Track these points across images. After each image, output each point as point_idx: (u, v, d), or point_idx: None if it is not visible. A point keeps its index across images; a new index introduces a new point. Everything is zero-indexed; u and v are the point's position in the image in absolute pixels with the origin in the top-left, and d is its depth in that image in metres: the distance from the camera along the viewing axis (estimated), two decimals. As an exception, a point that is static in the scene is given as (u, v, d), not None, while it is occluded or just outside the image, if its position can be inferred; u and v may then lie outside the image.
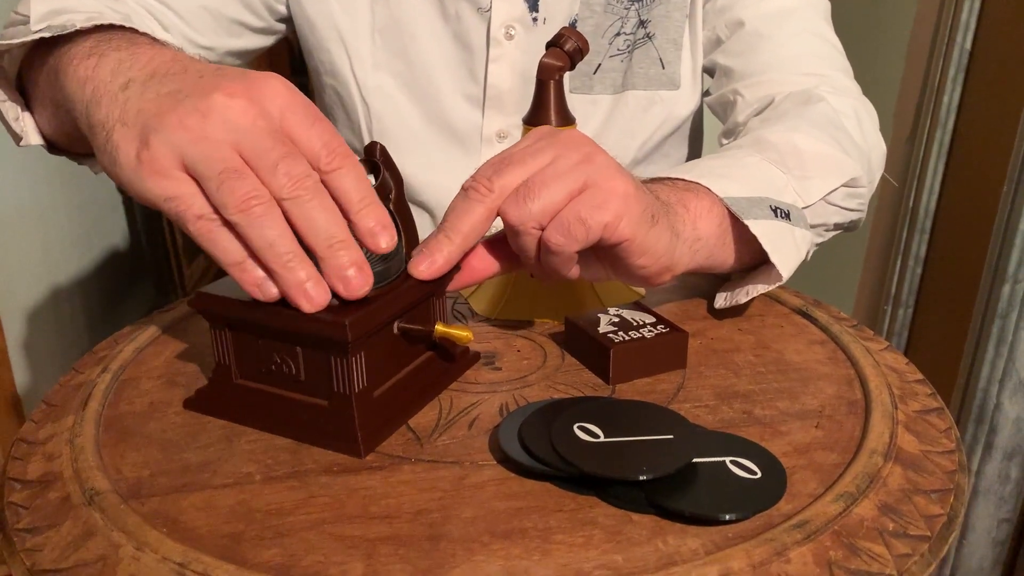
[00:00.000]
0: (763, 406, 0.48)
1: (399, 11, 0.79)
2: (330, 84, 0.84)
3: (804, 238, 0.58)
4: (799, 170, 0.62)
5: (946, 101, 1.30)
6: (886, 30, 1.50)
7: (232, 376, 0.48)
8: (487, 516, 0.39)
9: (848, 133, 0.68)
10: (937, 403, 0.50)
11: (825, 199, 0.64)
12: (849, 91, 0.75)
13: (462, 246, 0.48)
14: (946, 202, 1.35)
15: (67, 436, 0.46)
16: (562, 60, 0.55)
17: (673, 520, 0.39)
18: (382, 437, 0.46)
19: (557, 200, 0.46)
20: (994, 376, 1.21)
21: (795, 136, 0.63)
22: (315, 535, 0.39)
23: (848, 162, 0.65)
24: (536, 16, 0.78)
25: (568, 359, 0.54)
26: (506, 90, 0.80)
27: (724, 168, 0.59)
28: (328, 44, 0.81)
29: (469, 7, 0.77)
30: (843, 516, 0.39)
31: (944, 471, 0.43)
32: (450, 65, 0.80)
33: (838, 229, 0.69)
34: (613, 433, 0.42)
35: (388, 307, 0.46)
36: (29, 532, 0.40)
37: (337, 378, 0.44)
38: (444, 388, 0.50)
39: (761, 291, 0.57)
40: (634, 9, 0.78)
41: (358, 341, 0.43)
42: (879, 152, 0.73)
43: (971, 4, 1.25)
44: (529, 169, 0.47)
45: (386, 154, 0.49)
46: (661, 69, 0.81)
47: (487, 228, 0.48)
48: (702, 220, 0.55)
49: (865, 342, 0.55)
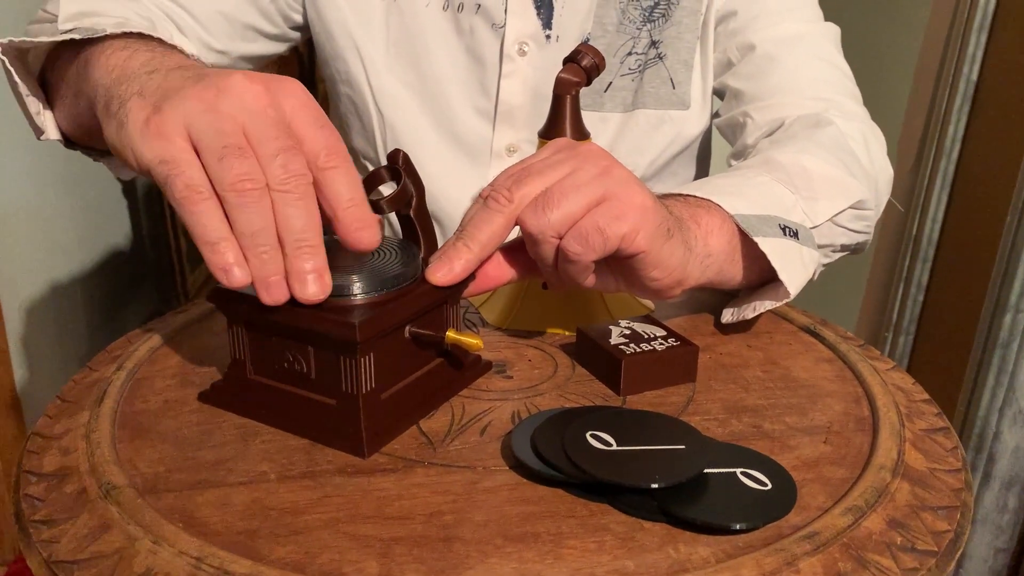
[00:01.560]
0: (772, 421, 0.49)
1: (413, 24, 0.81)
2: (346, 93, 0.85)
3: (812, 257, 0.59)
4: (807, 191, 0.63)
5: (951, 131, 1.31)
6: (893, 60, 1.52)
7: (247, 372, 0.49)
8: (500, 520, 0.40)
9: (856, 157, 0.69)
10: (943, 423, 0.50)
11: (832, 220, 0.65)
12: (857, 116, 0.76)
13: (480, 255, 0.48)
14: (949, 231, 1.36)
15: (83, 431, 0.47)
16: (579, 76, 0.56)
17: (684, 528, 0.39)
18: (387, 439, 0.46)
19: (576, 210, 0.47)
20: (994, 405, 1.21)
21: (804, 158, 0.64)
22: (330, 534, 0.39)
23: (855, 185, 0.66)
24: (549, 33, 0.79)
25: (579, 370, 0.54)
26: (517, 105, 0.81)
27: (734, 187, 0.60)
28: (345, 53, 0.82)
29: (483, 23, 0.79)
30: (852, 529, 0.39)
31: (951, 489, 0.44)
32: (462, 79, 0.81)
33: (845, 251, 0.70)
34: (625, 442, 0.43)
35: (400, 311, 0.46)
36: (45, 524, 0.41)
37: (346, 378, 0.45)
38: (453, 395, 0.51)
39: (768, 308, 0.58)
40: (646, 30, 0.80)
41: (367, 342, 0.44)
42: (886, 176, 0.74)
43: (978, 37, 1.26)
44: (548, 180, 0.48)
45: (408, 162, 0.49)
46: (672, 89, 0.82)
47: (505, 237, 0.49)
48: (713, 236, 0.55)
49: (872, 361, 0.56)
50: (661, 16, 0.80)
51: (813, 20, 0.81)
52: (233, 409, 0.49)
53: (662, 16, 0.80)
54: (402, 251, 0.50)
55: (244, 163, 0.42)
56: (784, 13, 0.79)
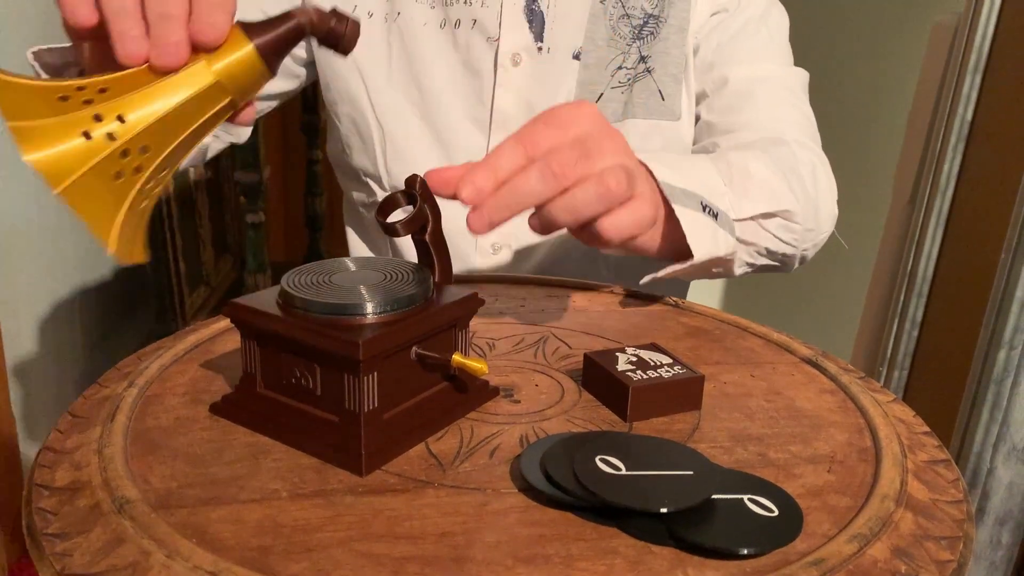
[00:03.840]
0: (776, 449, 0.49)
1: (412, 43, 0.84)
2: (346, 113, 0.88)
3: (727, 241, 0.66)
4: (741, 188, 0.70)
5: (946, 169, 1.33)
6: (889, 99, 1.55)
7: (257, 386, 0.50)
8: (510, 541, 0.40)
9: (801, 177, 0.76)
10: (944, 455, 0.51)
11: (760, 223, 0.71)
12: (814, 153, 0.82)
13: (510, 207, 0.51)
14: (944, 267, 1.38)
15: (95, 446, 0.47)
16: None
17: (692, 553, 0.40)
18: (387, 458, 0.47)
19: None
20: (988, 441, 1.22)
21: (752, 162, 0.72)
22: (342, 552, 0.39)
23: (788, 196, 0.72)
24: (541, 45, 0.84)
25: (585, 395, 0.55)
26: (511, 114, 0.85)
27: (675, 162, 0.66)
28: (346, 73, 0.86)
29: (479, 37, 0.83)
30: (857, 556, 0.40)
31: (953, 519, 0.45)
32: (459, 91, 0.85)
33: (772, 258, 0.76)
34: (634, 467, 0.43)
35: (405, 331, 0.47)
36: (58, 537, 0.41)
37: (349, 396, 0.46)
38: (458, 418, 0.52)
39: (676, 269, 0.66)
40: (635, 46, 0.84)
41: (370, 361, 0.45)
42: (828, 209, 0.80)
43: (972, 78, 1.29)
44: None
45: (425, 187, 0.50)
46: (661, 101, 0.86)
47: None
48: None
49: (873, 393, 0.57)
50: (650, 34, 0.84)
51: (785, 64, 0.88)
52: (241, 422, 0.50)
53: (651, 34, 0.84)
54: (414, 273, 0.51)
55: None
56: (759, 52, 0.85)
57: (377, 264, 0.53)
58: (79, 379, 1.62)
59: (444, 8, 0.83)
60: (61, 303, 1.59)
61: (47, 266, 1.54)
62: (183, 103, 0.45)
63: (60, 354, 1.58)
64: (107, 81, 0.44)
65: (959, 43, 1.30)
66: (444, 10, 0.83)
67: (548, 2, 0.82)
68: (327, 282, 0.50)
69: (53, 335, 1.56)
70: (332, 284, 0.49)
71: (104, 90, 0.44)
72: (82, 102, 0.43)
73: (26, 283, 1.46)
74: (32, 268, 1.48)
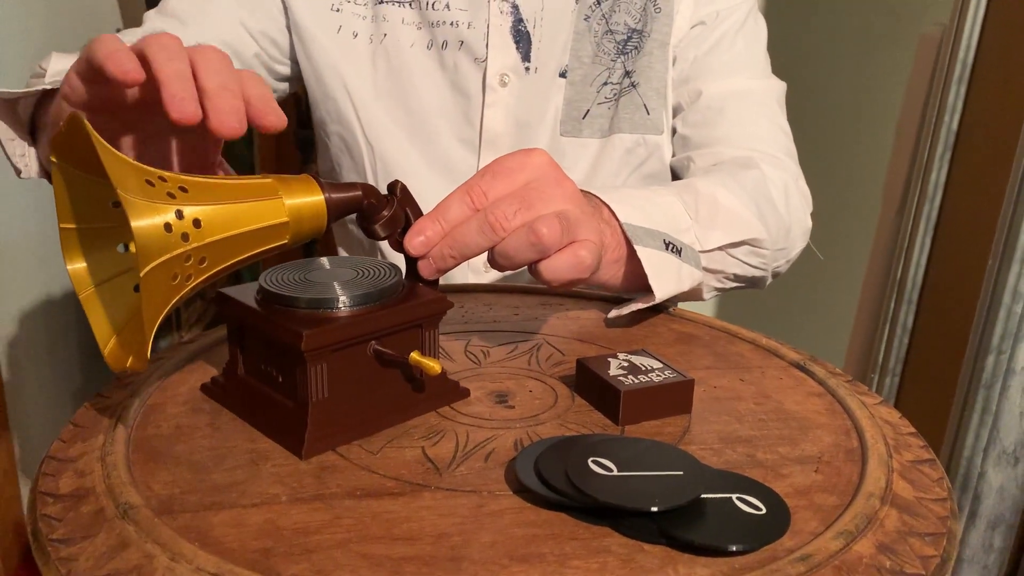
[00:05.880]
0: (765, 451, 0.51)
1: (399, 63, 0.85)
2: (336, 132, 0.89)
3: (691, 275, 0.67)
4: (708, 220, 0.70)
5: (934, 178, 1.35)
6: (877, 110, 1.57)
7: (238, 370, 0.53)
8: (506, 541, 0.41)
9: (772, 201, 0.76)
10: (929, 455, 0.52)
11: (725, 251, 0.72)
12: (788, 169, 0.82)
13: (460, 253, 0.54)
14: (933, 274, 1.40)
15: (98, 454, 0.48)
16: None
17: (683, 551, 0.41)
18: (330, 446, 0.49)
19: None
20: (978, 445, 1.23)
21: (719, 191, 0.72)
22: (342, 553, 0.40)
23: (756, 225, 0.72)
24: (528, 65, 0.85)
25: (578, 400, 0.56)
26: (500, 133, 0.86)
27: (638, 199, 0.67)
28: (334, 93, 0.87)
29: (466, 58, 0.84)
30: (843, 552, 0.41)
31: (937, 516, 0.46)
32: (448, 111, 0.86)
33: (740, 281, 0.76)
34: (625, 468, 0.44)
35: (356, 326, 0.49)
36: (63, 543, 0.42)
37: (299, 384, 0.49)
38: (418, 415, 0.53)
39: (640, 307, 0.67)
40: (620, 61, 0.85)
41: (316, 352, 0.47)
42: (801, 226, 0.81)
43: (957, 88, 1.31)
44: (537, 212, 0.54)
45: (406, 192, 0.53)
46: (646, 115, 0.87)
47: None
48: (606, 235, 0.63)
49: (860, 396, 0.58)
50: (634, 48, 0.85)
51: (761, 77, 0.88)
52: (224, 403, 0.54)
53: (635, 48, 0.85)
54: (385, 272, 0.53)
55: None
56: (734, 65, 0.86)
57: (354, 263, 0.55)
58: (77, 394, 1.62)
59: (431, 29, 0.84)
60: (57, 318, 1.60)
61: (43, 281, 1.55)
62: (253, 231, 0.47)
63: (57, 369, 1.59)
64: (187, 181, 0.45)
65: (944, 54, 1.32)
66: (431, 31, 0.84)
67: (534, 22, 0.83)
68: (302, 279, 0.52)
69: (47, 349, 1.57)
70: (305, 281, 0.52)
71: (185, 189, 0.44)
72: (166, 194, 0.44)
73: (22, 297, 1.47)
74: (29, 283, 1.49)
